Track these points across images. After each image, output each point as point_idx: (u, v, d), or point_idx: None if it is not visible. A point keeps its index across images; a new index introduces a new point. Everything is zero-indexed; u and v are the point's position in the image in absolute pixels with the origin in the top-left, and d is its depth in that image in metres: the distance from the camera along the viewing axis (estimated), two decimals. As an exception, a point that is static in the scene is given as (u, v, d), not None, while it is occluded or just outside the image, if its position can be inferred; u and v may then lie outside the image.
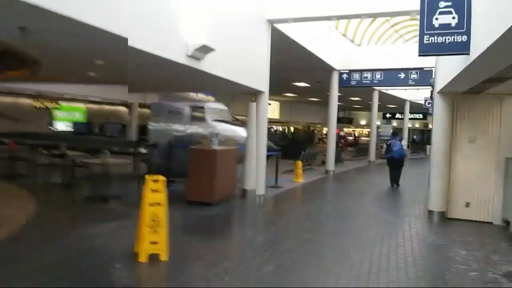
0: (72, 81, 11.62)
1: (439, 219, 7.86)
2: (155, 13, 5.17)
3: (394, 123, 33.31)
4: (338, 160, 19.94)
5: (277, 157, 11.58)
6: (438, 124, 8.15)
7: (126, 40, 4.47)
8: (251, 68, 8.40)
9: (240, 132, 10.43)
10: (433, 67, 13.48)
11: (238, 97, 9.95)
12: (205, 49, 5.99)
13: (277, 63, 13.36)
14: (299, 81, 19.25)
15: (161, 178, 4.98)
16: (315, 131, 43.72)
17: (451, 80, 6.74)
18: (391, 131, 26.99)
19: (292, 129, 40.03)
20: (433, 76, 9.52)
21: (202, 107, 10.95)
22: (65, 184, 9.29)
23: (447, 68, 7.09)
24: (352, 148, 28.40)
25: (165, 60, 5.47)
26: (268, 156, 11.05)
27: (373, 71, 14.60)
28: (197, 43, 5.81)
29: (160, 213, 4.87)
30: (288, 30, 10.21)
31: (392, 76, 14.36)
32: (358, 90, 21.11)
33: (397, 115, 31.81)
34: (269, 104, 32.43)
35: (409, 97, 24.73)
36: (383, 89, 20.37)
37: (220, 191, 8.18)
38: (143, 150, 10.89)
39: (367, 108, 28.16)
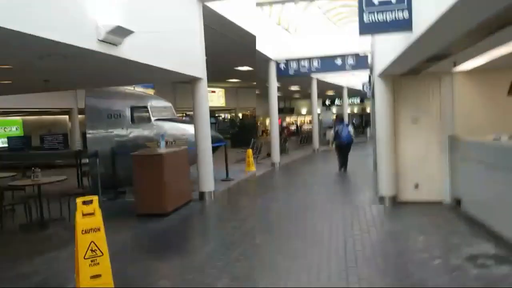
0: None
1: (391, 204, 7.72)
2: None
3: (334, 110, 33.89)
4: (283, 151, 19.75)
5: (226, 148, 11.04)
6: (380, 107, 7.98)
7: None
8: (183, 52, 7.66)
9: (189, 130, 9.67)
10: (370, 51, 13.56)
11: (181, 89, 9.13)
12: (120, 32, 5.16)
13: (215, 47, 12.76)
14: (242, 65, 18.66)
15: (94, 198, 4.24)
16: (259, 123, 43.57)
17: (391, 63, 6.52)
18: (333, 117, 27.38)
19: (240, 115, 39.49)
20: (371, 59, 9.39)
21: (145, 106, 10.03)
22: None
23: (385, 50, 6.87)
24: (296, 137, 28.47)
25: (70, 47, 4.59)
26: (215, 148, 10.44)
27: (310, 59, 14.42)
28: (109, 24, 4.98)
29: (98, 240, 4.10)
30: (223, 10, 9.52)
31: (330, 63, 14.27)
32: (297, 79, 21.04)
33: (336, 102, 32.45)
34: (213, 92, 31.52)
35: (346, 83, 25.11)
36: (321, 76, 20.40)
37: (174, 199, 7.43)
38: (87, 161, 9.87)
39: (307, 96, 28.31)
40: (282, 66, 14.82)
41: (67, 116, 22.67)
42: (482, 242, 5.23)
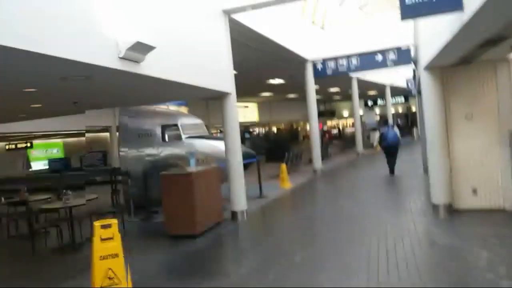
0: (22, 118, 10.26)
1: (446, 213, 6.84)
2: (63, 10, 3.97)
3: (377, 110, 32.59)
4: (325, 156, 19.00)
5: (258, 163, 10.46)
6: (428, 104, 7.15)
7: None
8: (210, 67, 7.29)
9: (221, 146, 9.28)
10: (413, 44, 12.62)
11: (214, 105, 8.67)
12: (141, 48, 4.84)
13: (246, 61, 12.37)
14: (273, 78, 18.25)
15: (113, 221, 3.91)
16: (299, 128, 42.83)
17: (439, 52, 5.74)
18: (377, 119, 26.37)
19: (274, 129, 39.02)
20: (414, 52, 8.57)
21: (176, 124, 9.76)
22: (26, 235, 7.80)
23: (431, 38, 6.11)
24: (338, 141, 27.51)
25: (90, 66, 4.31)
26: (246, 165, 9.98)
27: (348, 57, 13.61)
28: (128, 41, 4.67)
29: (117, 267, 3.78)
30: (252, 22, 9.15)
31: (369, 59, 13.38)
32: (336, 79, 20.23)
33: (379, 102, 31.11)
34: (247, 107, 31.36)
35: (389, 81, 23.94)
36: (361, 75, 19.48)
37: (205, 219, 6.99)
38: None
39: (348, 98, 27.37)
40: (319, 66, 14.13)
41: (107, 133, 23.03)
42: (561, 258, 4.36)
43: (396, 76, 22.35)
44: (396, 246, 5.40)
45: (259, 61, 13.43)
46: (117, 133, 9.69)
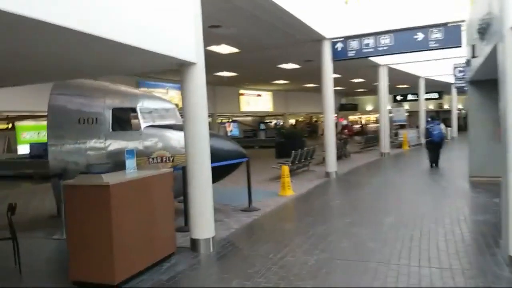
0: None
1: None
2: None
3: (406, 106, 29.36)
4: (342, 155, 16.23)
5: (248, 164, 7.79)
6: None
7: None
8: (163, 25, 4.65)
9: None
10: (463, 21, 9.70)
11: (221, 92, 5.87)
12: None
13: (248, 36, 10.00)
14: (286, 62, 15.53)
15: None
16: (318, 122, 39.93)
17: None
18: (406, 115, 23.82)
19: (292, 122, 36.21)
20: (483, 19, 5.74)
21: (133, 108, 7.12)
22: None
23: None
24: (360, 137, 24.52)
25: None
26: (232, 166, 7.48)
27: (376, 34, 10.67)
28: None
29: None
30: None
31: (405, 38, 10.35)
32: (360, 68, 17.45)
33: (409, 97, 27.90)
34: (259, 95, 28.67)
35: (424, 73, 20.89)
36: (394, 61, 16.43)
37: (133, 258, 4.37)
38: None
39: (372, 91, 24.40)
40: (339, 46, 11.29)
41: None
42: None
43: (433, 67, 19.28)
44: None
45: (265, 36, 10.78)
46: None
